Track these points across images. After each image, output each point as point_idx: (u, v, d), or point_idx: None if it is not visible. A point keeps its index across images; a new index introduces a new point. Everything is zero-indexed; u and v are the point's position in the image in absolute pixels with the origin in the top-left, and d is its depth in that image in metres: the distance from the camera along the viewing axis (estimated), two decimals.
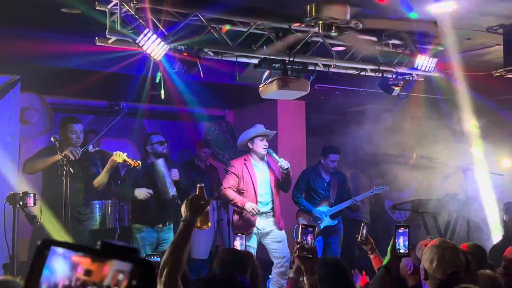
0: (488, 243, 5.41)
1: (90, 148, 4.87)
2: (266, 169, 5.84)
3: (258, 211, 5.57)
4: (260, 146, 5.73)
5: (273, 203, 5.81)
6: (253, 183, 5.71)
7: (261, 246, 5.82)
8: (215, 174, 7.53)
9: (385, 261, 3.12)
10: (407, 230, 3.14)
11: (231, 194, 5.70)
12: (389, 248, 3.11)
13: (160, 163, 5.48)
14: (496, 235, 5.82)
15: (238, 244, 3.65)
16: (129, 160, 5.14)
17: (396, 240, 3.14)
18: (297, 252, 2.83)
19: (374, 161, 7.35)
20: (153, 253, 4.75)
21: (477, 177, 6.58)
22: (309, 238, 2.83)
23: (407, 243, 3.24)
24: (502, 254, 3.53)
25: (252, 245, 5.59)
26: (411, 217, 6.90)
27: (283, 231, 5.85)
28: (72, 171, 4.47)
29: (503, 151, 7.00)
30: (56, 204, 4.67)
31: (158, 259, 3.40)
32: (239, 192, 5.73)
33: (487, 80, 6.02)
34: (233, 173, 5.76)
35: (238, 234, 3.73)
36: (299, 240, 2.85)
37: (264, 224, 5.74)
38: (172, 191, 5.49)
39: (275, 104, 7.84)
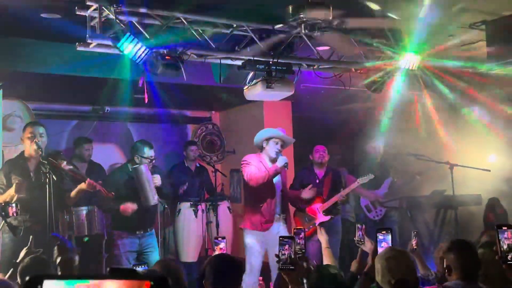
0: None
1: (64, 165, 4.77)
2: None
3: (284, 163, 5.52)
4: (274, 148, 5.64)
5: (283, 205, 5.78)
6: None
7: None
8: (206, 175, 7.49)
9: (366, 267, 3.09)
10: (389, 234, 3.11)
11: (259, 173, 5.53)
12: (370, 254, 3.08)
13: (143, 169, 5.41)
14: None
15: (222, 248, 3.63)
16: (103, 191, 5.12)
17: (378, 246, 3.11)
18: (278, 265, 2.77)
19: (356, 159, 7.35)
20: (139, 262, 4.70)
21: (463, 173, 6.61)
22: (286, 248, 2.77)
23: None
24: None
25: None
26: (386, 215, 6.89)
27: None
28: (55, 178, 4.41)
29: (490, 146, 7.04)
30: (37, 212, 4.60)
31: (146, 268, 3.37)
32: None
33: (471, 76, 6.05)
34: (253, 165, 5.60)
35: (219, 238, 3.72)
36: (277, 253, 2.79)
37: (274, 227, 5.65)
38: (154, 199, 5.41)
39: (261, 105, 7.82)
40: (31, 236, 3.38)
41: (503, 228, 2.43)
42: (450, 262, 2.85)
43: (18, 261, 3.17)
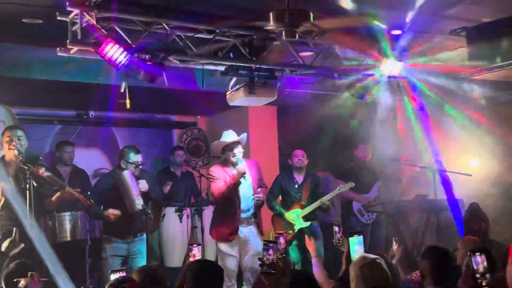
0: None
1: (42, 172, 4.74)
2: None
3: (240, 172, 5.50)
4: (230, 155, 5.67)
5: (254, 208, 5.78)
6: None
7: None
8: (192, 180, 7.49)
9: (341, 272, 3.10)
10: (362, 237, 3.12)
11: (222, 187, 5.58)
12: (343, 257, 3.10)
13: (126, 175, 5.40)
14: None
15: (196, 255, 3.65)
16: (82, 199, 5.14)
17: (351, 249, 3.12)
18: (260, 268, 2.79)
19: (344, 163, 7.39)
20: (120, 268, 4.68)
21: (445, 177, 6.66)
22: (270, 253, 2.78)
23: (363, 250, 3.22)
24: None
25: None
26: (378, 219, 6.93)
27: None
28: (35, 184, 4.39)
29: (471, 151, 7.11)
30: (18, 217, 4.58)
31: (125, 274, 3.36)
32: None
33: (451, 82, 6.11)
34: (217, 179, 5.66)
35: (194, 245, 3.73)
36: (260, 256, 2.81)
37: (245, 231, 5.68)
38: (139, 204, 5.41)
39: (247, 109, 7.83)
40: (14, 228, 3.36)
41: (476, 253, 2.34)
42: (424, 268, 2.88)
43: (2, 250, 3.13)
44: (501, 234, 5.52)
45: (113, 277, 3.06)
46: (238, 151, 5.66)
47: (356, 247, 3.12)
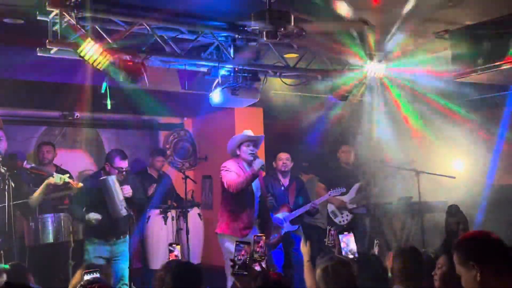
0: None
1: (25, 164, 4.70)
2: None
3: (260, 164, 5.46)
4: (247, 151, 5.61)
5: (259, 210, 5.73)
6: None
7: None
8: (168, 181, 7.46)
9: None
10: (351, 234, 3.14)
11: (238, 178, 5.48)
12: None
13: (111, 181, 5.35)
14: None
15: (177, 255, 3.62)
16: (72, 182, 5.04)
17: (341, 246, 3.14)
18: (231, 269, 2.78)
19: (328, 165, 7.40)
20: (93, 269, 4.64)
21: (428, 180, 6.68)
22: (242, 254, 2.77)
23: (354, 247, 3.24)
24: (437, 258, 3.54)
25: None
26: (355, 221, 6.93)
27: None
28: (13, 185, 4.35)
29: (455, 152, 7.14)
30: None
31: (98, 275, 3.34)
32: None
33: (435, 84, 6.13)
34: (232, 171, 5.55)
35: (173, 245, 3.71)
36: (231, 257, 2.80)
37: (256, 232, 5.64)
38: (123, 211, 5.35)
39: (233, 111, 7.82)
40: None
41: None
42: (394, 268, 2.91)
43: None
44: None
45: (87, 277, 3.05)
46: (256, 149, 5.63)
47: (346, 245, 3.15)
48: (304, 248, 3.90)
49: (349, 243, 3.58)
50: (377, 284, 3.13)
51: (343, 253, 3.56)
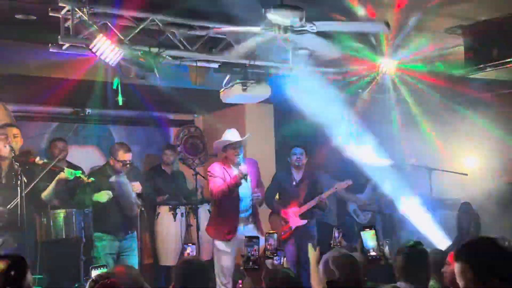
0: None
1: (38, 159, 4.74)
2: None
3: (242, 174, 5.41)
4: (232, 154, 5.61)
5: (252, 209, 5.76)
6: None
7: None
8: (182, 179, 7.45)
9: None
10: (374, 231, 3.14)
11: (222, 185, 5.51)
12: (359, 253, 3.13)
13: (123, 181, 5.37)
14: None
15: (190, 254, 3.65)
16: (83, 177, 5.07)
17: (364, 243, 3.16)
18: (243, 264, 2.80)
19: (339, 163, 7.36)
20: (100, 265, 4.66)
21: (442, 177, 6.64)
22: (254, 249, 2.79)
23: (375, 244, 3.25)
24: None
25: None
26: (372, 218, 6.91)
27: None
28: (26, 180, 4.39)
29: (467, 149, 7.08)
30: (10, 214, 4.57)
31: (105, 270, 3.36)
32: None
33: (447, 81, 6.08)
34: (217, 177, 5.59)
35: (189, 244, 3.73)
36: (244, 253, 2.82)
37: (244, 230, 5.60)
38: (135, 208, 5.39)
39: (243, 107, 7.82)
40: None
41: None
42: (397, 265, 2.92)
43: None
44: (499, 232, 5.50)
45: (94, 273, 3.07)
46: (242, 151, 5.62)
47: (369, 241, 3.16)
48: (313, 253, 3.80)
49: (370, 240, 3.55)
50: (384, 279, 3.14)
51: (366, 250, 3.52)
